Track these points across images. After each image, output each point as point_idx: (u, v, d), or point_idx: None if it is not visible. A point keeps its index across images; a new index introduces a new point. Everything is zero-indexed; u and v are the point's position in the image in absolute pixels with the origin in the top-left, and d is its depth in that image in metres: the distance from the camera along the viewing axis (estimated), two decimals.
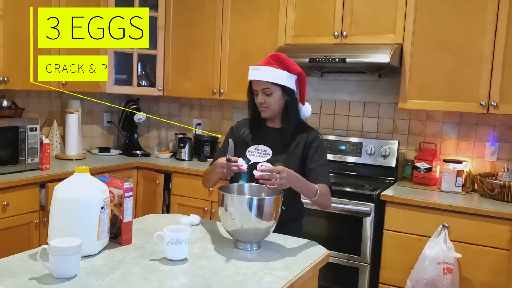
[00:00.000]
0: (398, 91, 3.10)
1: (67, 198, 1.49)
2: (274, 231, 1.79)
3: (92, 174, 1.58)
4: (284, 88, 1.96)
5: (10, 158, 2.87)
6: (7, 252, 1.55)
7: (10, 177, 2.76)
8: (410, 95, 3.02)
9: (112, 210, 1.64)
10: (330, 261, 1.80)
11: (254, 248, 1.67)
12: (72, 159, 3.48)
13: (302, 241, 1.81)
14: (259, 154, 1.98)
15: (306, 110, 2.06)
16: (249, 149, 2.00)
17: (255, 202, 1.59)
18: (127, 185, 1.62)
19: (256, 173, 1.72)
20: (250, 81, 2.03)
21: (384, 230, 2.85)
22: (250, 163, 1.93)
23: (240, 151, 1.99)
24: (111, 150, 3.91)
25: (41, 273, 1.36)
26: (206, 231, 1.87)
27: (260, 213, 1.59)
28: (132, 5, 3.69)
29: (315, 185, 1.90)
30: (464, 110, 2.93)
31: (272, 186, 1.69)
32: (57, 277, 1.33)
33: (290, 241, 1.80)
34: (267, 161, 1.93)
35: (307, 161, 1.99)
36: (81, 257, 1.47)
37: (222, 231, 1.85)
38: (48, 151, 3.06)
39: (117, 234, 1.65)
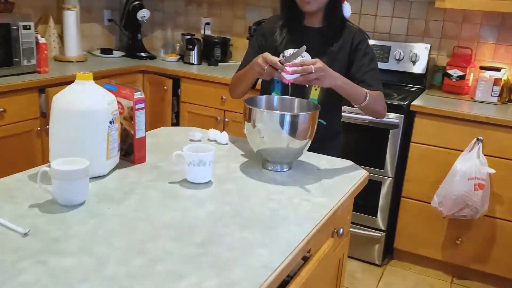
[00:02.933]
0: None
1: (69, 111, 1.26)
2: (313, 151, 1.60)
3: (95, 79, 1.33)
4: None
5: (3, 60, 2.59)
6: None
7: (5, 81, 2.51)
8: None
9: (122, 124, 1.42)
10: None
11: (285, 169, 1.47)
12: (72, 61, 3.20)
13: (336, 160, 1.61)
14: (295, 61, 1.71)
15: (346, 9, 1.75)
16: (282, 54, 1.70)
17: (288, 118, 1.36)
18: (137, 95, 1.38)
19: (287, 76, 1.44)
20: None
21: (411, 143, 2.66)
22: None
23: None
24: (114, 52, 3.61)
25: (43, 198, 1.16)
26: (228, 148, 1.66)
27: (293, 131, 1.37)
28: None
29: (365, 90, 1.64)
30: (509, 10, 2.59)
31: (307, 82, 1.45)
32: (63, 204, 1.14)
33: (323, 161, 1.59)
34: None
35: (354, 66, 1.71)
36: (90, 178, 1.27)
37: (246, 148, 1.64)
38: (46, 52, 2.77)
39: (129, 151, 1.44)
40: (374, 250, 2.82)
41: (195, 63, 3.43)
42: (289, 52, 1.63)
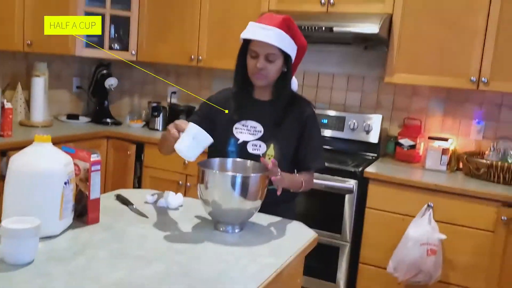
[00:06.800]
0: (383, 64, 2.97)
1: (25, 171, 1.30)
2: (269, 213, 1.69)
3: (57, 143, 1.39)
4: (286, 58, 1.75)
5: None
6: None
7: None
8: (398, 68, 2.88)
9: (77, 185, 1.46)
10: None
11: (236, 231, 1.52)
12: (38, 126, 3.24)
13: (287, 222, 1.67)
14: (248, 131, 1.78)
15: (293, 83, 1.88)
16: (235, 125, 1.79)
17: (239, 180, 1.43)
18: (94, 157, 1.44)
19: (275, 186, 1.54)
20: (246, 41, 1.76)
21: (366, 208, 2.75)
22: (239, 142, 1.77)
23: (225, 128, 1.80)
24: (80, 118, 3.67)
25: None
26: (183, 210, 1.71)
27: (244, 192, 1.44)
28: None
29: (301, 176, 1.79)
30: (453, 86, 2.81)
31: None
32: (10, 263, 1.15)
33: (274, 223, 1.65)
34: (259, 139, 1.76)
35: (301, 142, 1.82)
36: (41, 238, 1.30)
37: (200, 210, 1.68)
38: (11, 116, 2.82)
39: (83, 212, 1.47)
40: None
41: (160, 129, 3.52)
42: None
